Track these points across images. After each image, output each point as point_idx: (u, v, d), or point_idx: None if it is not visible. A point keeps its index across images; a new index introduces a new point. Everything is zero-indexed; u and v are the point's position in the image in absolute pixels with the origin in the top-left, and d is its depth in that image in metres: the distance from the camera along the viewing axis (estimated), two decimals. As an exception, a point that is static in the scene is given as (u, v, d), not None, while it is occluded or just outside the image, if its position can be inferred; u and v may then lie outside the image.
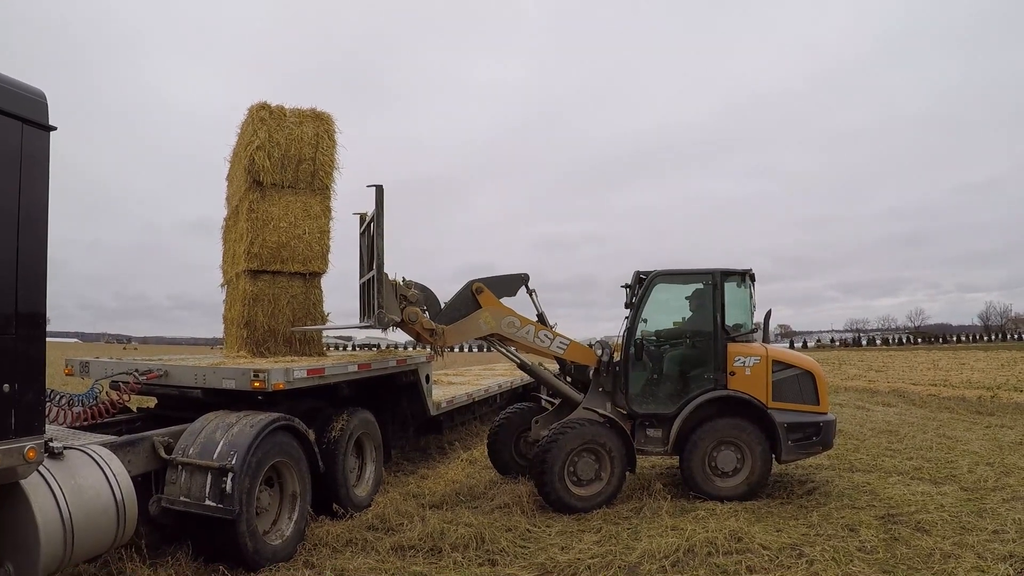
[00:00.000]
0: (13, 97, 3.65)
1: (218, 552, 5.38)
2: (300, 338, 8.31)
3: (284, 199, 8.26)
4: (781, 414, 7.67)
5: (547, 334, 8.06)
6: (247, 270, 8.12)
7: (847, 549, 5.77)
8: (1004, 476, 8.46)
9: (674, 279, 8.32)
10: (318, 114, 8.49)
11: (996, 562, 5.38)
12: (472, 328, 7.90)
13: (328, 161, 8.43)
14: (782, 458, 7.73)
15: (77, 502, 4.22)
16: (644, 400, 8.03)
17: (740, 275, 8.05)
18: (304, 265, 8.30)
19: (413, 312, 7.53)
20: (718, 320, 7.88)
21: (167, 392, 6.73)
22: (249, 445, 5.34)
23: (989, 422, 13.77)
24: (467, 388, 11.79)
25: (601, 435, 7.50)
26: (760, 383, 7.73)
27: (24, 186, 3.68)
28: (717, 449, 7.68)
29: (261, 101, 8.24)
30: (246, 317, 8.10)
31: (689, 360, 8.14)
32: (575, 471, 7.39)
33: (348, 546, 6.02)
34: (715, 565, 5.51)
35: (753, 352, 7.82)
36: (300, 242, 8.24)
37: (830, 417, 7.90)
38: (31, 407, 3.71)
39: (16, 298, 3.64)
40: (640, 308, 8.05)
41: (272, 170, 8.10)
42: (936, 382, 22.94)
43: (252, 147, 8.00)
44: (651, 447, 7.95)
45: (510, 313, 8.00)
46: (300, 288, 8.37)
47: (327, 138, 8.42)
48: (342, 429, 7.02)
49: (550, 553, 5.89)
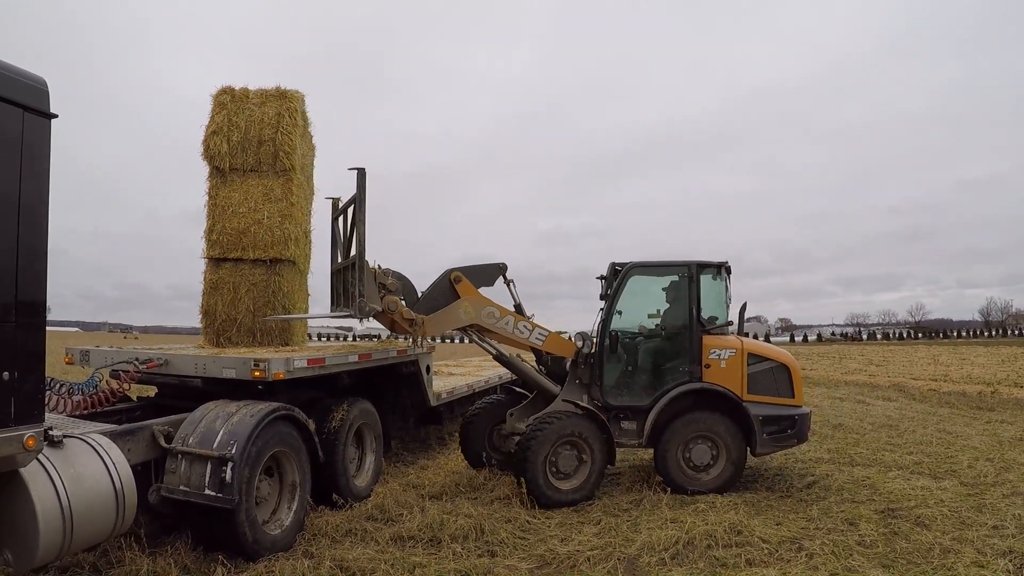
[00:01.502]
0: (14, 84, 3.62)
1: (217, 541, 5.37)
2: (262, 328, 8.01)
3: (246, 184, 7.99)
4: (756, 407, 7.66)
5: (526, 325, 8.01)
6: (208, 258, 7.99)
7: (847, 543, 5.77)
8: (1004, 472, 8.46)
9: (649, 271, 8.27)
10: (282, 92, 8.14)
11: (996, 557, 5.38)
12: (452, 318, 7.76)
13: (288, 141, 7.97)
14: (756, 451, 7.71)
15: (76, 491, 4.21)
16: (619, 392, 8.01)
17: (716, 268, 8.02)
18: (264, 251, 7.93)
19: (392, 301, 7.32)
20: (693, 312, 7.85)
21: (167, 381, 6.71)
22: (249, 434, 5.33)
23: (989, 417, 13.78)
24: (467, 379, 11.79)
25: (581, 427, 7.45)
26: (735, 376, 7.71)
27: (25, 173, 3.66)
28: (692, 442, 7.66)
29: (226, 85, 8.08)
30: (205, 306, 8.00)
31: (664, 352, 8.12)
32: (556, 465, 7.34)
33: (347, 536, 6.02)
34: (714, 558, 5.52)
35: (728, 345, 7.80)
36: (260, 227, 7.90)
37: (805, 410, 7.90)
38: (31, 395, 3.70)
39: (16, 286, 3.62)
40: (615, 300, 8.02)
41: (231, 154, 7.88)
42: (936, 377, 22.95)
43: (208, 132, 7.88)
44: (626, 439, 7.92)
45: (489, 303, 7.91)
46: (261, 276, 8.00)
47: (288, 117, 8.01)
48: (342, 419, 7.01)
49: (549, 545, 5.89)
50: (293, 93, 8.15)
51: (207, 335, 8.08)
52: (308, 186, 8.77)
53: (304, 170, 8.54)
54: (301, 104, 8.23)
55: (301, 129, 8.25)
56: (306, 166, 8.61)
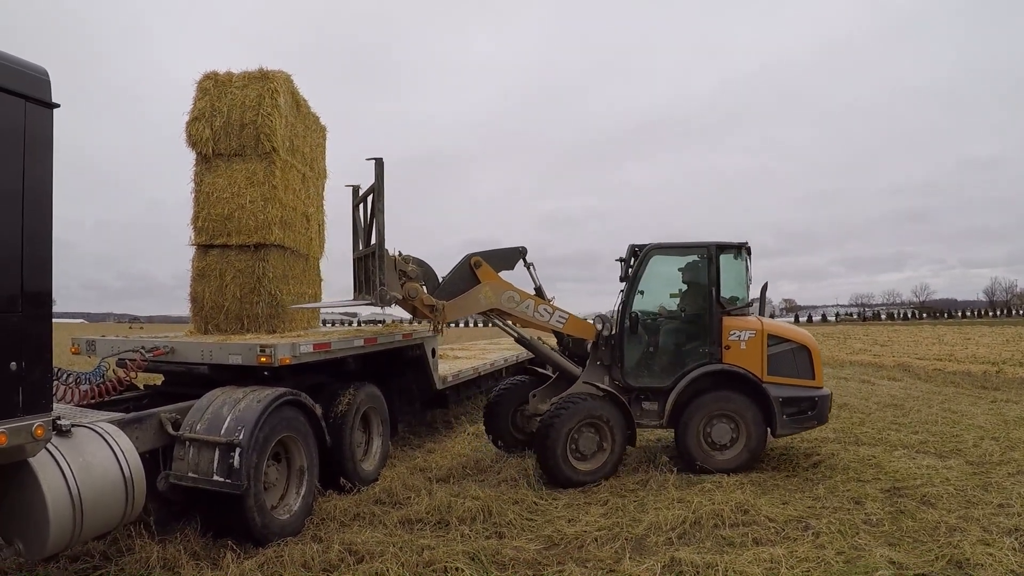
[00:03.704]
0: (15, 75, 3.60)
1: (226, 527, 5.41)
2: (249, 314, 7.89)
3: (231, 169, 7.86)
4: (776, 388, 7.65)
5: (546, 308, 8.03)
6: (196, 245, 7.94)
7: (853, 522, 5.79)
8: (1009, 450, 8.46)
9: (670, 252, 8.24)
10: (264, 74, 7.95)
11: (1001, 535, 5.38)
12: (472, 303, 7.83)
13: (269, 123, 7.73)
14: (777, 432, 7.71)
15: (86, 479, 4.22)
16: (639, 373, 8.03)
17: (736, 248, 7.97)
18: (248, 237, 7.74)
19: (413, 288, 7.43)
20: (713, 294, 7.84)
21: (173, 369, 6.72)
22: (256, 420, 5.35)
23: (994, 397, 13.77)
24: (473, 363, 11.80)
25: (601, 409, 7.50)
26: (755, 357, 7.70)
27: (28, 164, 3.65)
28: (712, 422, 7.68)
29: (210, 71, 7.99)
30: (193, 293, 7.96)
31: (684, 334, 8.12)
32: (577, 446, 7.40)
33: (356, 520, 6.06)
34: (721, 537, 5.54)
35: (748, 326, 7.78)
36: (244, 212, 7.73)
37: (825, 391, 7.88)
38: (38, 385, 3.70)
39: (22, 276, 3.62)
40: (635, 281, 8.01)
41: (214, 140, 7.79)
42: (941, 357, 22.93)
43: (190, 119, 7.82)
44: (647, 420, 7.96)
45: (509, 288, 7.94)
46: (247, 262, 7.82)
47: (269, 98, 7.81)
48: (349, 404, 7.03)
49: (557, 525, 5.92)
50: (275, 74, 7.97)
51: (195, 322, 8.05)
52: (306, 168, 8.63)
53: (298, 152, 8.40)
54: (285, 84, 8.06)
55: (287, 110, 8.10)
56: (300, 147, 8.45)
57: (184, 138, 7.91)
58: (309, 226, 8.72)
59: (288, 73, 8.15)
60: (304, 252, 8.62)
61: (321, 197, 9.24)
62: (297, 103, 8.46)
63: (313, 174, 8.90)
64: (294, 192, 8.27)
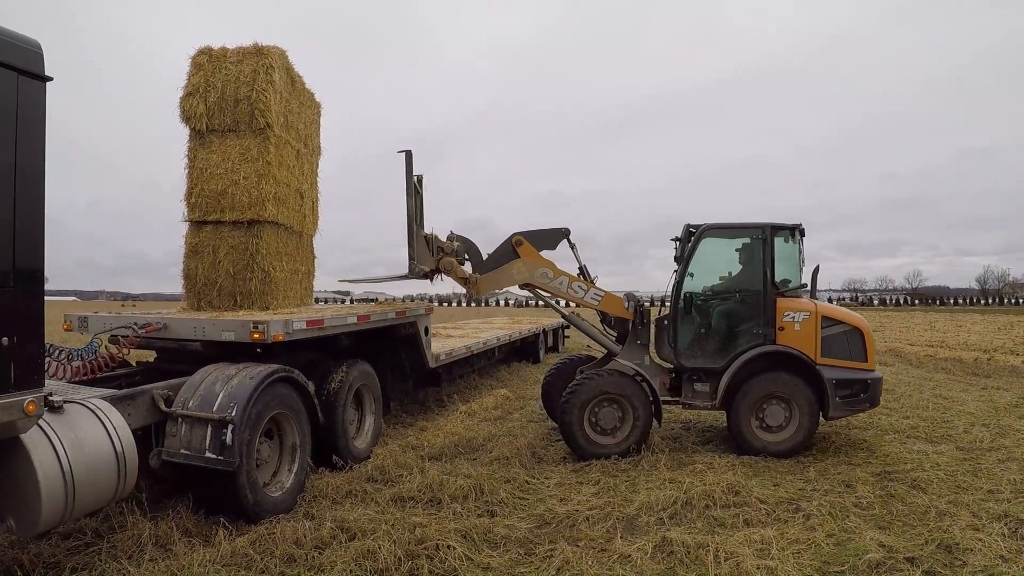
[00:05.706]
0: (8, 47, 3.55)
1: (218, 504, 5.42)
2: (242, 291, 7.88)
3: (225, 144, 7.82)
4: (830, 370, 7.65)
5: (580, 285, 8.26)
6: (189, 221, 7.90)
7: (843, 505, 5.84)
8: (999, 437, 8.52)
9: (723, 233, 8.24)
10: (259, 49, 7.89)
11: (991, 521, 5.43)
12: (505, 277, 8.27)
13: (263, 99, 7.68)
14: (829, 415, 7.70)
15: (78, 456, 4.21)
16: (692, 354, 8.05)
17: (790, 230, 7.95)
18: (242, 213, 7.70)
19: (449, 262, 8.20)
20: (767, 275, 7.83)
21: (166, 345, 6.69)
22: (249, 397, 5.34)
23: (985, 384, 13.85)
24: (466, 341, 11.83)
25: (622, 386, 7.63)
26: (809, 339, 7.70)
27: (20, 136, 3.60)
28: (765, 404, 7.69)
29: (204, 46, 7.91)
30: (186, 270, 7.93)
31: (738, 315, 8.10)
32: (597, 420, 7.58)
33: (348, 497, 6.07)
34: (712, 518, 5.58)
35: (802, 308, 7.78)
36: (237, 188, 7.69)
37: (877, 375, 7.86)
38: (30, 361, 3.67)
39: (14, 251, 3.58)
40: (689, 262, 8.01)
41: (208, 115, 7.73)
42: (933, 343, 23.02)
43: (184, 94, 7.76)
44: (699, 401, 8.00)
45: (544, 264, 8.23)
46: (240, 238, 7.79)
47: (263, 74, 7.74)
48: (341, 381, 7.03)
49: (548, 504, 5.95)
50: (270, 49, 7.90)
51: (188, 299, 8.02)
52: (300, 145, 8.55)
53: (292, 128, 8.33)
54: (280, 60, 7.98)
55: (282, 86, 8.02)
56: (294, 124, 8.38)
57: (178, 113, 7.84)
58: (303, 203, 8.64)
59: (283, 49, 8.08)
60: (298, 229, 8.55)
61: (315, 174, 9.17)
62: (292, 79, 8.36)
63: (307, 151, 8.82)
64: (288, 168, 8.20)
